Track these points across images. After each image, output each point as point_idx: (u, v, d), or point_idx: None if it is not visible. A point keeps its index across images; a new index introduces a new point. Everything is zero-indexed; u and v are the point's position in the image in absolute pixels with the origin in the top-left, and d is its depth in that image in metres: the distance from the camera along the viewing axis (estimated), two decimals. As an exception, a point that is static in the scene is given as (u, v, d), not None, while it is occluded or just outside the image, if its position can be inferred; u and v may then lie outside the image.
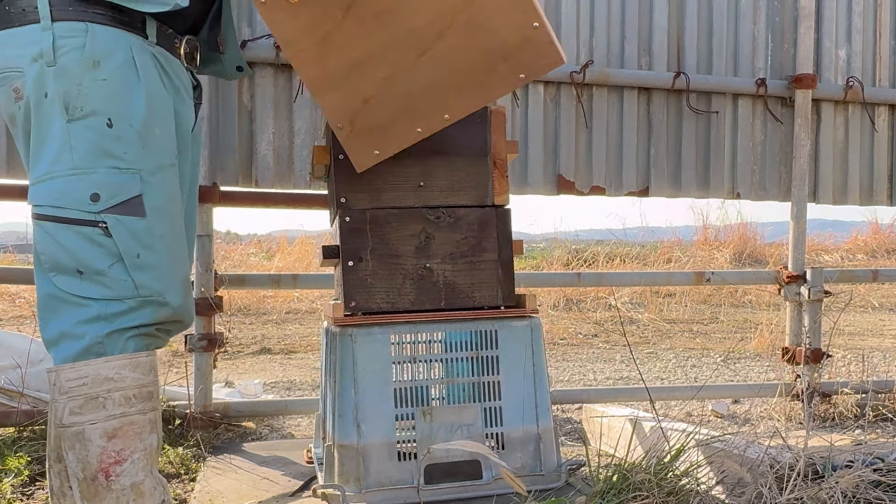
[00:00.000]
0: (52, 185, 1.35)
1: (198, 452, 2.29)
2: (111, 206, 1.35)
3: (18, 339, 2.74)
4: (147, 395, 1.39)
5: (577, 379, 4.08)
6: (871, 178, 3.22)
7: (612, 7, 2.87)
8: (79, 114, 1.35)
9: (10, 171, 2.35)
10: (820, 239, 9.84)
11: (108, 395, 1.34)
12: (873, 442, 2.20)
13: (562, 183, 2.83)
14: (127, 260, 1.36)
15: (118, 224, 1.36)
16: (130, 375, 1.36)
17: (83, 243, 1.34)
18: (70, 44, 1.36)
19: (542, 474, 1.81)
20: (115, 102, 1.38)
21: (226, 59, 1.74)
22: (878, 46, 3.19)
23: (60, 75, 1.35)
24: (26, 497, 1.96)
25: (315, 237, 8.65)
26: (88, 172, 1.35)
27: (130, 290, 1.36)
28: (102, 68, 1.37)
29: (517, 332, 1.85)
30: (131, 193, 1.37)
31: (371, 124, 1.64)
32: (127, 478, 1.34)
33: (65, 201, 1.34)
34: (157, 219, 1.40)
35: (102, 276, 1.35)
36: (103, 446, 1.33)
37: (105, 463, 1.33)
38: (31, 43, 1.36)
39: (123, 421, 1.35)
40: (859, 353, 4.51)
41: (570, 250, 8.26)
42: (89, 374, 1.33)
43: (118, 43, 1.40)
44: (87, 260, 1.34)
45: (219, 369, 3.49)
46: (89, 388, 1.33)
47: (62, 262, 1.35)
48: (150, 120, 1.41)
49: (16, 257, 9.51)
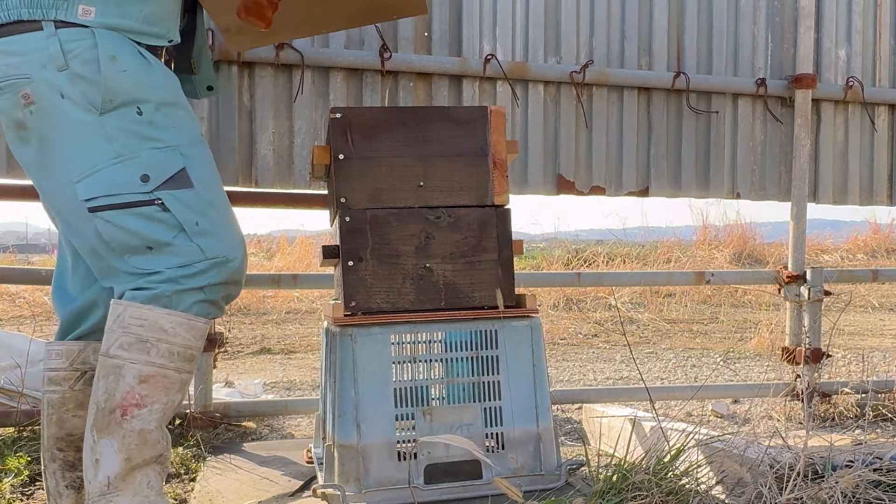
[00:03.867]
0: (100, 177, 1.42)
1: (198, 452, 2.29)
2: (162, 183, 1.43)
3: (18, 339, 2.74)
4: (189, 357, 1.46)
5: (577, 379, 4.08)
6: (871, 178, 3.22)
7: (612, 7, 2.87)
8: (109, 106, 1.42)
9: (10, 171, 2.35)
10: (820, 239, 9.85)
11: (156, 343, 1.42)
12: (873, 442, 2.20)
13: (562, 183, 2.83)
14: (188, 228, 1.44)
15: (172, 198, 1.44)
16: (183, 334, 1.44)
17: (144, 222, 1.42)
18: (80, 46, 1.42)
19: (542, 474, 1.82)
20: (140, 91, 1.45)
21: (197, 80, 1.83)
22: (878, 46, 3.19)
23: (76, 76, 1.41)
24: (26, 497, 1.96)
25: (315, 237, 8.65)
26: (133, 157, 1.42)
27: (198, 255, 1.44)
28: (119, 61, 1.44)
29: (517, 332, 1.86)
30: (176, 168, 1.45)
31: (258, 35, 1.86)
32: (139, 422, 1.41)
33: (117, 188, 1.42)
34: (204, 188, 1.48)
35: (171, 246, 1.44)
36: (133, 386, 1.41)
37: (128, 402, 1.40)
38: (35, 49, 1.41)
39: (159, 371, 1.43)
40: (859, 353, 4.51)
41: (570, 250, 8.27)
42: (150, 318, 1.42)
43: (122, 40, 1.47)
44: (153, 235, 1.43)
45: (219, 369, 3.49)
46: (144, 331, 1.41)
47: (131, 243, 1.43)
48: (172, 102, 1.50)
49: (16, 257, 9.51)
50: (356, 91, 2.62)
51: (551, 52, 2.82)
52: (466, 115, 1.92)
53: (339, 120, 1.86)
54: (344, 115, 1.86)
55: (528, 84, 2.78)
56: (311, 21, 1.93)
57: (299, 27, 1.97)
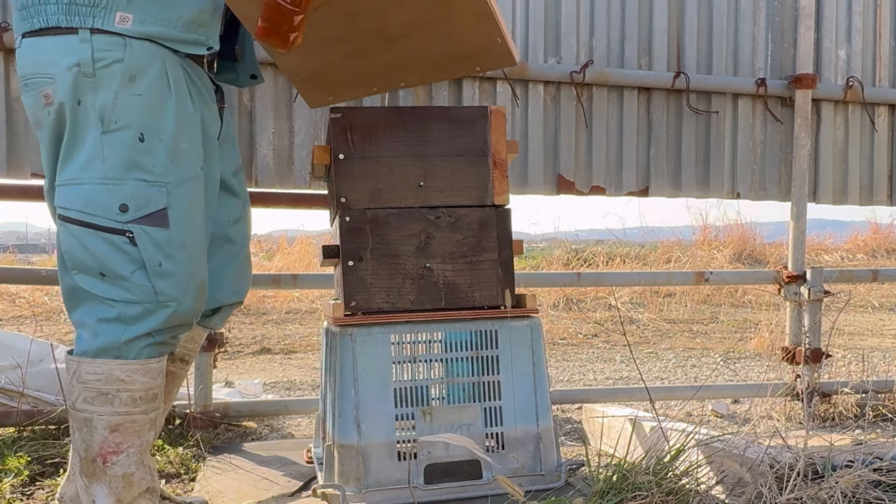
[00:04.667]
0: (81, 192, 1.42)
1: (198, 452, 2.29)
2: (138, 218, 1.44)
3: (18, 339, 2.74)
4: (152, 397, 1.50)
5: (577, 379, 4.08)
6: (871, 178, 3.22)
7: (612, 7, 2.87)
8: (113, 126, 1.42)
9: (10, 171, 2.35)
10: (820, 239, 9.85)
11: (116, 394, 1.45)
12: (873, 442, 2.20)
13: (562, 183, 2.83)
14: (149, 268, 1.45)
15: (143, 234, 1.44)
16: (140, 380, 1.47)
17: (108, 249, 1.43)
18: (109, 56, 1.42)
19: (542, 474, 1.82)
20: (147, 117, 1.45)
21: (240, 68, 1.79)
22: (878, 46, 3.19)
23: (98, 87, 1.41)
24: (26, 497, 1.96)
25: (315, 237, 8.66)
26: (119, 184, 1.42)
27: (150, 296, 1.45)
28: (138, 83, 1.44)
29: (517, 332, 1.86)
30: (158, 206, 1.45)
31: (327, 80, 1.75)
32: (120, 467, 1.46)
33: (93, 208, 1.42)
34: (180, 229, 1.48)
35: (125, 280, 1.44)
36: (105, 436, 1.45)
37: (105, 450, 1.45)
38: (67, 52, 1.41)
39: (126, 418, 1.46)
40: (859, 353, 4.51)
41: (570, 250, 8.27)
42: (104, 372, 1.44)
43: (154, 58, 1.46)
44: (112, 265, 1.43)
45: (219, 369, 3.49)
46: (102, 385, 1.44)
47: (86, 262, 1.44)
48: (178, 134, 1.48)
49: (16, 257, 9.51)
50: (356, 91, 2.62)
51: (551, 52, 2.82)
52: (466, 115, 1.92)
53: (339, 120, 1.86)
54: (344, 115, 1.86)
55: (528, 84, 2.78)
56: (378, 73, 1.75)
57: (368, 79, 1.79)
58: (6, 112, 2.34)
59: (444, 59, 1.71)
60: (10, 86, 2.35)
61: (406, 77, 1.78)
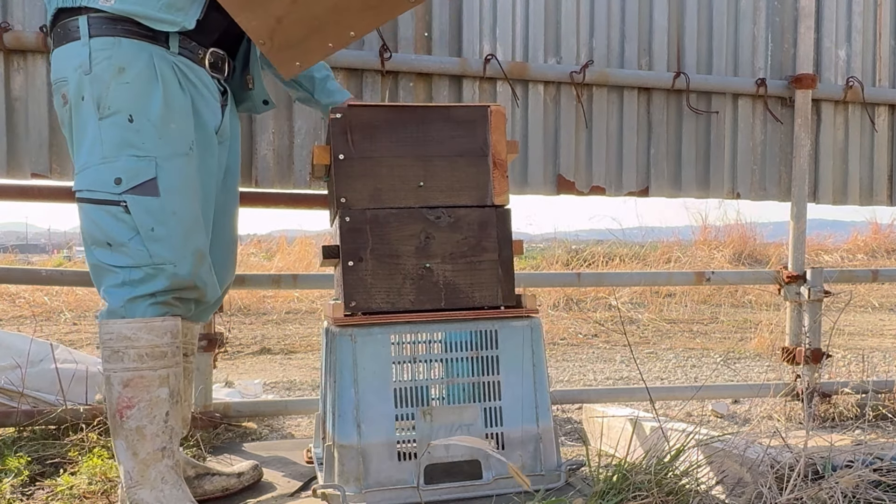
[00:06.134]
0: (88, 174, 1.61)
1: (198, 452, 2.29)
2: (130, 188, 1.59)
3: (18, 339, 2.74)
4: (159, 355, 1.62)
5: (577, 379, 4.08)
6: (871, 178, 3.22)
7: (612, 7, 2.87)
8: (107, 112, 1.59)
9: (10, 171, 2.35)
10: (820, 239, 9.85)
11: (125, 351, 1.60)
12: (873, 442, 2.20)
13: (562, 183, 2.83)
14: (143, 233, 1.59)
15: (135, 203, 1.59)
16: (145, 337, 1.60)
17: (110, 220, 1.59)
18: (102, 55, 1.60)
19: (542, 474, 1.81)
20: (135, 101, 1.60)
21: (254, 95, 1.97)
22: (878, 46, 3.19)
23: (94, 81, 1.59)
24: (26, 497, 1.96)
25: (315, 237, 8.66)
26: (113, 160, 1.59)
27: (146, 258, 1.59)
28: (126, 73, 1.60)
29: (517, 332, 1.85)
30: (147, 176, 1.60)
31: (287, 40, 1.79)
32: (133, 421, 1.59)
33: (96, 185, 1.60)
34: (170, 198, 1.61)
35: (125, 247, 1.59)
36: (120, 391, 1.60)
37: (120, 405, 1.60)
38: (74, 56, 1.61)
39: (135, 374, 1.60)
40: (859, 353, 4.51)
41: (570, 250, 8.27)
42: (115, 331, 1.60)
43: (140, 52, 1.62)
44: (114, 234, 1.59)
45: (219, 369, 3.49)
46: (114, 343, 1.60)
47: (97, 236, 1.61)
48: (166, 115, 1.63)
49: (16, 257, 9.51)
50: (356, 91, 2.62)
51: (551, 52, 2.82)
52: (467, 114, 1.92)
53: (339, 120, 1.86)
54: (344, 115, 1.86)
55: (528, 84, 2.78)
56: (325, 20, 1.81)
57: (320, 30, 1.85)
58: (6, 112, 2.34)
59: None
60: (10, 86, 2.35)
61: (352, 23, 1.82)
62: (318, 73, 2.09)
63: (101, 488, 1.96)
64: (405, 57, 2.62)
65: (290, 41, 1.79)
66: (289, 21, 1.76)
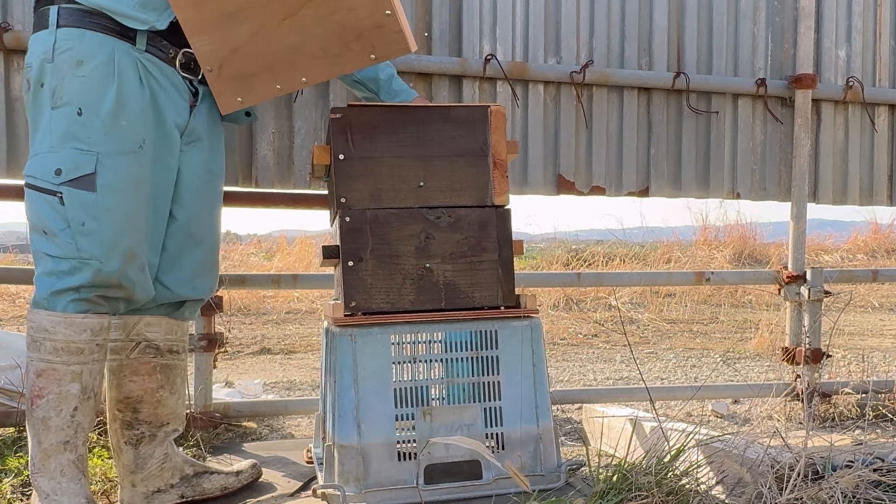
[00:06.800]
0: (35, 161, 1.64)
1: (198, 452, 2.29)
2: (68, 181, 1.61)
3: (18, 339, 2.74)
4: (75, 350, 1.63)
5: (577, 379, 4.08)
6: (871, 178, 3.22)
7: (612, 7, 2.87)
8: (59, 103, 1.62)
9: (9, 171, 2.35)
10: (820, 239, 9.85)
11: (42, 342, 1.62)
12: (873, 442, 2.20)
13: (562, 183, 2.83)
14: (73, 226, 1.61)
15: (70, 195, 1.61)
16: (63, 331, 1.62)
17: (47, 208, 1.62)
18: (65, 45, 1.62)
19: (542, 474, 1.81)
20: (87, 95, 1.62)
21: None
22: (878, 46, 3.19)
23: (54, 71, 1.62)
24: (26, 497, 1.96)
25: (315, 237, 8.66)
26: (57, 151, 1.61)
27: (73, 251, 1.61)
28: (84, 67, 1.63)
29: (517, 332, 1.85)
30: (86, 171, 1.61)
31: (236, 73, 1.78)
32: (41, 411, 1.62)
33: (39, 173, 1.63)
34: (107, 195, 1.63)
35: (56, 237, 1.61)
36: (34, 380, 1.63)
37: (32, 394, 1.63)
38: (41, 43, 1.64)
39: (48, 366, 1.62)
40: (859, 353, 4.51)
41: (570, 250, 8.27)
42: (36, 321, 1.63)
43: (103, 47, 1.64)
44: (49, 222, 1.62)
45: (219, 369, 3.49)
46: (34, 332, 1.63)
47: (35, 223, 1.64)
48: (116, 112, 1.64)
49: (16, 257, 9.51)
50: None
51: (551, 52, 2.82)
52: (466, 114, 1.92)
53: (339, 120, 1.86)
54: (344, 115, 1.86)
55: (528, 84, 2.78)
56: (280, 61, 1.77)
57: (272, 69, 1.79)
58: (6, 112, 2.34)
59: (339, 38, 1.74)
60: (10, 86, 2.35)
61: (305, 68, 1.79)
62: (383, 73, 2.07)
63: (102, 488, 1.97)
64: (405, 57, 2.60)
65: (239, 74, 1.77)
66: (243, 53, 1.74)
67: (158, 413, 1.86)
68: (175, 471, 1.89)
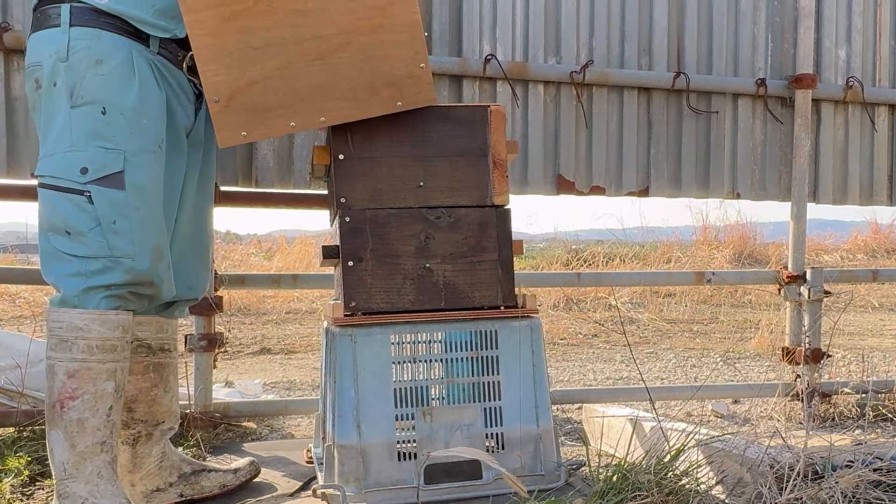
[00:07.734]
0: (53, 160, 1.60)
1: (198, 452, 2.29)
2: (96, 179, 1.58)
3: (18, 339, 2.74)
4: (110, 348, 1.61)
5: (577, 379, 4.08)
6: (871, 178, 3.22)
7: (612, 7, 2.87)
8: (80, 101, 1.59)
9: (10, 171, 2.35)
10: (820, 239, 9.84)
11: (75, 341, 1.58)
12: (873, 442, 2.20)
13: (562, 183, 2.83)
14: (104, 224, 1.58)
15: (99, 194, 1.58)
16: (97, 329, 1.59)
17: (72, 208, 1.58)
18: (81, 45, 1.60)
19: (542, 474, 1.82)
20: (109, 94, 1.61)
21: None
22: (878, 46, 3.19)
23: (70, 70, 1.59)
24: (26, 497, 1.96)
25: (315, 237, 8.65)
26: (81, 150, 1.59)
27: (104, 251, 1.59)
28: (104, 66, 1.61)
29: (517, 332, 1.86)
30: (115, 169, 1.60)
31: (249, 105, 1.72)
32: (75, 412, 1.58)
33: (60, 173, 1.59)
34: (135, 193, 1.61)
35: (84, 237, 1.58)
36: (64, 381, 1.58)
37: (63, 395, 1.58)
38: (51, 42, 1.61)
39: (83, 365, 1.59)
40: (859, 353, 4.51)
41: (570, 250, 8.27)
42: (65, 320, 1.59)
43: (120, 47, 1.63)
44: (74, 223, 1.58)
45: (219, 369, 3.49)
46: (63, 332, 1.58)
47: (55, 223, 1.60)
48: (139, 110, 1.63)
49: (16, 257, 9.50)
50: (356, 91, 2.62)
51: (551, 52, 2.82)
52: (466, 114, 1.92)
53: (339, 120, 1.85)
54: (344, 115, 1.86)
55: (528, 84, 2.78)
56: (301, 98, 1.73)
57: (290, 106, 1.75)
58: (6, 112, 2.34)
59: (369, 84, 1.75)
60: (10, 86, 2.35)
61: (327, 109, 1.75)
62: None
63: (101, 488, 1.96)
64: (405, 57, 2.62)
65: (252, 107, 1.70)
66: (262, 87, 1.69)
67: (154, 412, 1.85)
68: (173, 469, 1.89)
